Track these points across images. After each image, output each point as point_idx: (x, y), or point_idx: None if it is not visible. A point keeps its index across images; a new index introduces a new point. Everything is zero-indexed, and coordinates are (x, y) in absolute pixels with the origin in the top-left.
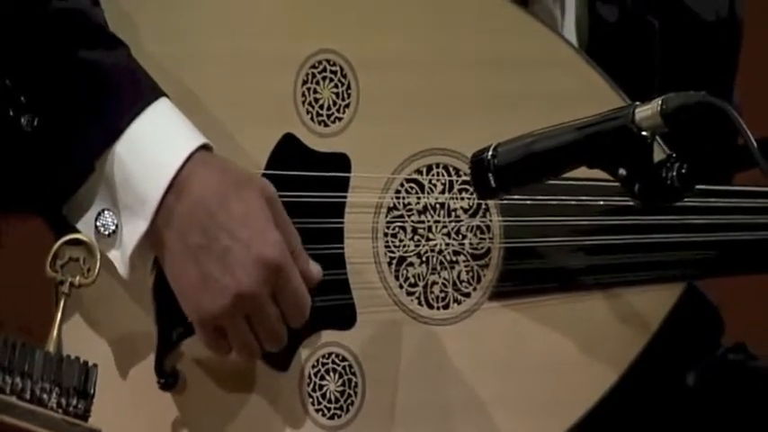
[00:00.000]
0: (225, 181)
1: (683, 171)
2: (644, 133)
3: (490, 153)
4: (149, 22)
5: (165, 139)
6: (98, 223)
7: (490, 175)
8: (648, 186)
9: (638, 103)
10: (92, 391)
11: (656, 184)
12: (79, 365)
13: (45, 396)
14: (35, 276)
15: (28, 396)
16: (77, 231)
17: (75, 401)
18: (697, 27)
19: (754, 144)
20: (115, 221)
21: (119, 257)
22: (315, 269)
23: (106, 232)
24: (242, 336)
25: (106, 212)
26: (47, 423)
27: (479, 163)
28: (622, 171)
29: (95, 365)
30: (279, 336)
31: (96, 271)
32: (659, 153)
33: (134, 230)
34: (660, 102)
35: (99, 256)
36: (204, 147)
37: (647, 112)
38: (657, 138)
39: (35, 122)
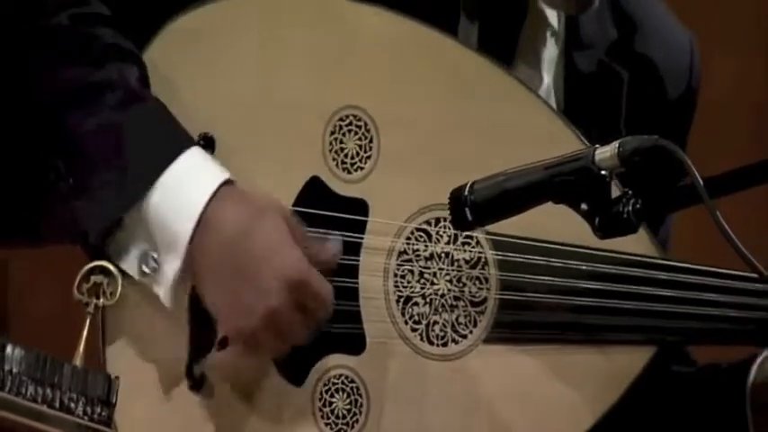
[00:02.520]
0: (247, 212)
1: (638, 206)
2: (603, 172)
3: (467, 190)
4: (185, 66)
5: (192, 180)
6: (143, 265)
7: (467, 209)
8: (607, 220)
9: (597, 145)
10: (114, 401)
11: (613, 218)
12: (103, 377)
13: (72, 405)
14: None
15: (57, 405)
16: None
17: (99, 410)
18: (661, 84)
19: (701, 182)
20: (156, 262)
21: (162, 292)
22: (328, 249)
23: (150, 272)
24: (272, 345)
25: (149, 254)
26: (74, 429)
27: (458, 199)
28: (584, 206)
29: (117, 377)
30: (303, 337)
31: (117, 293)
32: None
33: (172, 267)
34: (617, 144)
35: (120, 281)
36: (226, 182)
37: (605, 153)
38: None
39: (70, 183)
